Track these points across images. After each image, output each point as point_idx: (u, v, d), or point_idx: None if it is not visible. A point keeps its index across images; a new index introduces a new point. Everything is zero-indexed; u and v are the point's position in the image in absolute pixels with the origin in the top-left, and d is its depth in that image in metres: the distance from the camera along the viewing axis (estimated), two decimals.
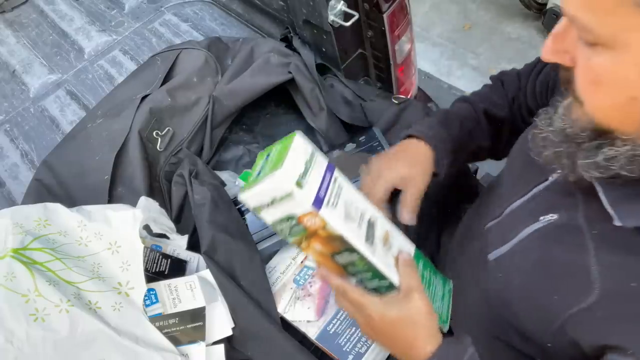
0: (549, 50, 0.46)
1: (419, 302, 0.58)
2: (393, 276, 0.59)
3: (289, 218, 0.55)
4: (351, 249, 0.57)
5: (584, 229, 0.54)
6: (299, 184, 0.53)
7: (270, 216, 0.56)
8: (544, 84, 0.77)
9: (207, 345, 0.78)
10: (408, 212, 0.71)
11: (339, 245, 0.57)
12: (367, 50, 1.20)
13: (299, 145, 0.56)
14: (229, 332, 0.80)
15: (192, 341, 0.77)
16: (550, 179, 0.61)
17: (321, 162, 0.58)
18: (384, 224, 0.63)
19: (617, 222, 0.49)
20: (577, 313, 0.52)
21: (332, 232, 0.55)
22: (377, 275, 0.59)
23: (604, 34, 0.39)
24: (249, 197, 0.55)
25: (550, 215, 0.59)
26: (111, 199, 0.97)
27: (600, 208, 0.52)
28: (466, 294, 0.71)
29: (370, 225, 0.60)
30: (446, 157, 0.76)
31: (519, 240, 0.62)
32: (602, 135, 0.46)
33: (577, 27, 0.41)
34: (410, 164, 0.73)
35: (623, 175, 0.46)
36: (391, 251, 0.62)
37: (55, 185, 1.00)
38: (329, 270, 0.61)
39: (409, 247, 0.66)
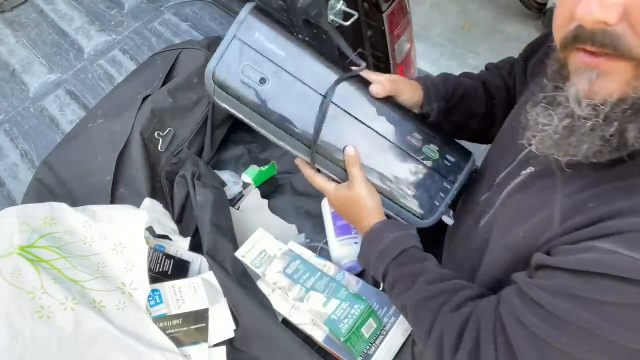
0: (599, 5, 0.42)
1: (358, 189, 0.72)
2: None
3: None
4: None
5: (556, 172, 0.57)
6: None
7: None
8: (534, 68, 0.78)
9: (209, 347, 0.79)
10: (377, 86, 0.74)
11: None
12: (367, 50, 1.20)
13: None
14: (231, 334, 0.80)
15: (195, 342, 0.78)
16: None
17: None
18: None
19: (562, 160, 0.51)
20: (542, 243, 0.54)
21: None
22: None
23: None
24: None
25: (530, 168, 0.62)
26: (113, 199, 0.97)
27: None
28: (462, 269, 0.72)
29: None
30: (436, 101, 0.81)
31: (502, 198, 0.65)
32: None
33: None
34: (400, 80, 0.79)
35: None
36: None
37: (56, 185, 1.01)
38: (304, 163, 0.77)
39: None
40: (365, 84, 0.74)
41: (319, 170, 0.76)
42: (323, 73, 0.71)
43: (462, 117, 0.84)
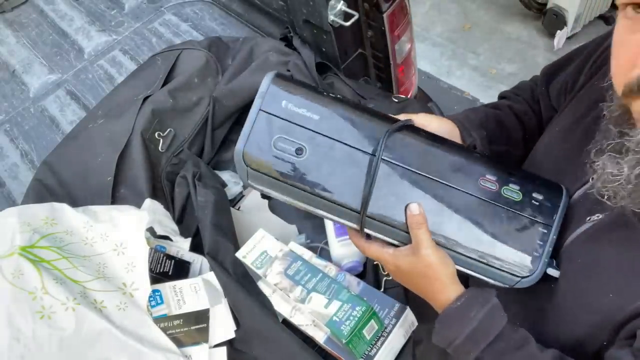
0: None
1: (426, 258, 0.59)
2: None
3: None
4: None
5: (633, 222, 0.53)
6: None
7: None
8: (560, 89, 0.75)
9: (210, 348, 0.79)
10: None
11: None
12: (367, 50, 1.20)
13: None
14: (231, 335, 0.80)
15: (196, 343, 0.78)
16: (591, 180, 0.59)
17: None
18: None
19: None
20: (638, 307, 0.50)
21: None
22: None
23: None
24: None
25: (597, 215, 0.57)
26: (114, 200, 0.98)
27: None
28: (508, 311, 0.65)
29: None
30: (474, 129, 0.74)
31: (566, 246, 0.61)
32: None
33: None
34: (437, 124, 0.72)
35: None
36: None
37: (56, 186, 1.01)
38: (353, 232, 0.65)
39: None
40: (414, 131, 0.64)
41: (368, 236, 0.65)
42: (366, 128, 0.62)
43: (503, 145, 0.78)
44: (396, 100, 1.10)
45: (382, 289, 0.85)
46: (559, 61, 0.76)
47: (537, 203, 0.62)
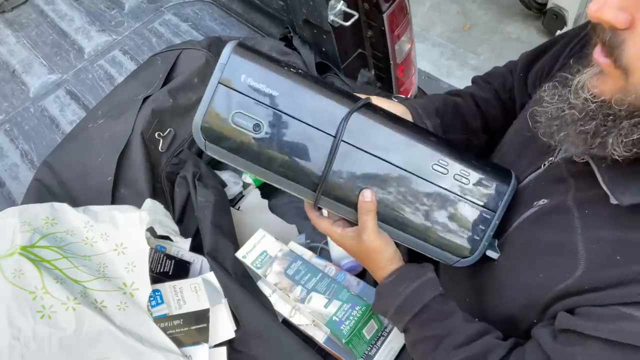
0: (604, 5, 0.41)
1: (368, 243, 0.64)
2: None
3: None
4: None
5: (572, 210, 0.55)
6: None
7: None
8: (537, 74, 0.76)
9: (210, 347, 0.79)
10: None
11: None
12: (367, 50, 1.20)
13: None
14: (231, 335, 0.81)
15: (196, 343, 0.78)
16: (543, 166, 0.62)
17: None
18: None
19: (613, 201, 0.50)
20: (563, 289, 0.53)
21: None
22: None
23: None
24: None
25: (542, 200, 0.60)
26: (114, 200, 0.98)
27: (590, 190, 0.53)
28: (460, 286, 0.71)
29: None
30: (428, 117, 0.76)
31: (513, 229, 0.63)
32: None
33: None
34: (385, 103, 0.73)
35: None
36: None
37: (56, 186, 1.01)
38: (309, 206, 0.68)
39: None
40: (373, 110, 0.65)
41: (319, 209, 0.68)
42: (325, 106, 0.62)
43: (460, 133, 0.80)
44: (396, 101, 1.10)
45: None
46: (539, 47, 0.78)
47: (485, 190, 0.65)
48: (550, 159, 0.61)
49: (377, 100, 0.71)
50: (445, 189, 0.64)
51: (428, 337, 0.62)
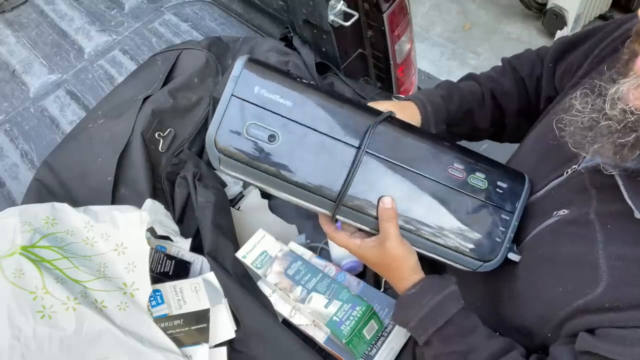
0: None
1: (391, 251, 0.62)
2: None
3: None
4: None
5: (594, 223, 0.54)
6: None
7: None
8: (566, 69, 0.74)
9: (210, 347, 0.79)
10: None
11: None
12: (367, 50, 1.20)
13: None
14: (231, 335, 0.81)
15: (196, 343, 0.78)
16: (565, 174, 0.61)
17: None
18: None
19: (637, 215, 0.49)
20: (583, 304, 0.52)
21: None
22: None
23: None
24: None
25: (563, 210, 0.59)
26: (114, 200, 0.98)
27: (614, 204, 0.51)
28: (472, 290, 0.71)
29: None
30: (435, 125, 0.76)
31: (531, 237, 0.62)
32: None
33: None
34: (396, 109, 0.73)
35: None
36: None
37: (56, 186, 1.01)
38: (324, 219, 0.67)
39: None
40: (389, 121, 0.65)
41: (336, 221, 0.67)
42: (340, 117, 0.62)
43: (465, 130, 0.81)
44: (396, 101, 1.10)
45: (382, 289, 0.85)
46: (572, 38, 0.75)
47: (501, 191, 0.65)
48: (574, 167, 0.60)
49: (386, 104, 0.71)
50: (463, 192, 0.64)
51: (451, 352, 0.60)
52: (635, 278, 0.48)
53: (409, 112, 0.74)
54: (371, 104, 0.70)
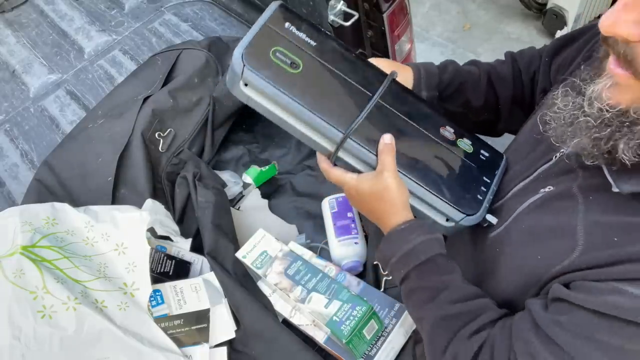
0: (617, 20, 0.42)
1: (387, 180, 0.65)
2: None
3: None
4: None
5: (577, 196, 0.57)
6: None
7: None
8: (561, 64, 0.76)
9: (210, 348, 0.79)
10: None
11: None
12: (367, 50, 1.20)
13: None
14: (232, 335, 0.81)
15: (196, 343, 0.78)
16: (554, 158, 0.63)
17: None
18: None
19: (614, 189, 0.51)
20: (560, 268, 0.54)
21: None
22: None
23: None
24: None
25: (548, 187, 0.61)
26: (114, 200, 0.98)
27: (596, 179, 0.54)
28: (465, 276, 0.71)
29: None
30: (427, 89, 0.79)
31: (517, 214, 0.64)
32: None
33: None
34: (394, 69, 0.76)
35: None
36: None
37: (56, 186, 1.01)
38: (322, 156, 0.70)
39: None
40: (394, 81, 0.73)
41: (335, 164, 0.70)
42: (357, 66, 0.70)
43: (457, 107, 0.82)
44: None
45: (382, 289, 0.85)
46: (568, 35, 0.77)
47: (484, 158, 0.74)
48: (562, 150, 0.62)
49: (382, 61, 0.76)
50: (452, 151, 0.72)
51: (426, 287, 0.63)
52: (609, 241, 0.51)
53: (402, 75, 0.78)
54: (371, 60, 0.76)
